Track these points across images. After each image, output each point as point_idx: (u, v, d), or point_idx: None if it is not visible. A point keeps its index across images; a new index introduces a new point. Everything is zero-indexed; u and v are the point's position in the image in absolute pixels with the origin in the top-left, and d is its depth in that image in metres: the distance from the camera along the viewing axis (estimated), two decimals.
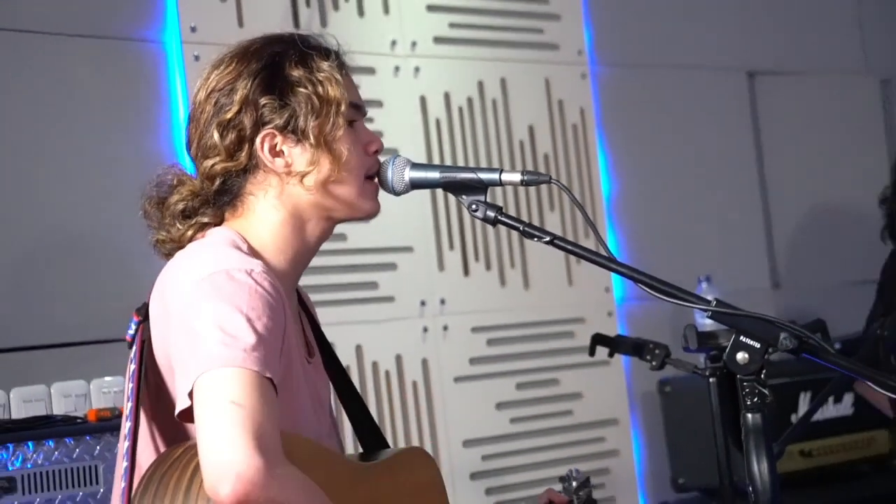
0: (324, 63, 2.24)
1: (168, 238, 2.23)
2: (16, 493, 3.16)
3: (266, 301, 2.01)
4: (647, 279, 2.31)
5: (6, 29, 3.75)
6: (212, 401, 1.88)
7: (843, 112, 5.83)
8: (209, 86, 2.24)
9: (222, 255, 2.09)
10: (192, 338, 1.97)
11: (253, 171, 2.21)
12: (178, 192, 2.23)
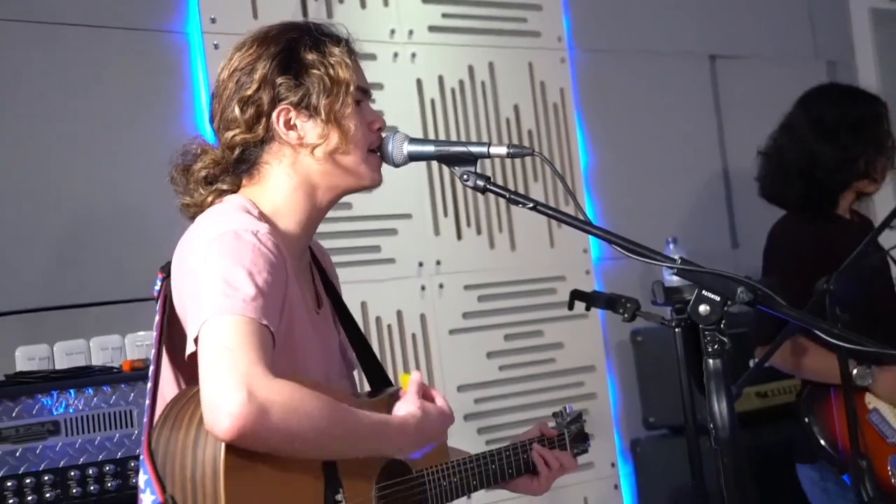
0: (335, 49, 2.28)
1: (192, 202, 2.28)
2: (60, 434, 3.19)
3: (268, 259, 2.04)
4: (620, 241, 2.35)
5: (47, 22, 3.76)
6: (210, 347, 1.93)
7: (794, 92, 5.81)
8: (232, 66, 2.28)
9: (233, 218, 2.13)
10: (199, 289, 2.01)
11: (269, 143, 2.25)
12: (201, 161, 2.27)
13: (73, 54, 3.81)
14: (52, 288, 3.69)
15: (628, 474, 4.88)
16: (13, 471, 3.10)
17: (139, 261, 3.65)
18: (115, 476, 3.25)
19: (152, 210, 3.70)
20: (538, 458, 2.61)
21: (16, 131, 3.69)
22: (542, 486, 2.65)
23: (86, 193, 3.79)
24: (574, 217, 2.45)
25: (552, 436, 2.69)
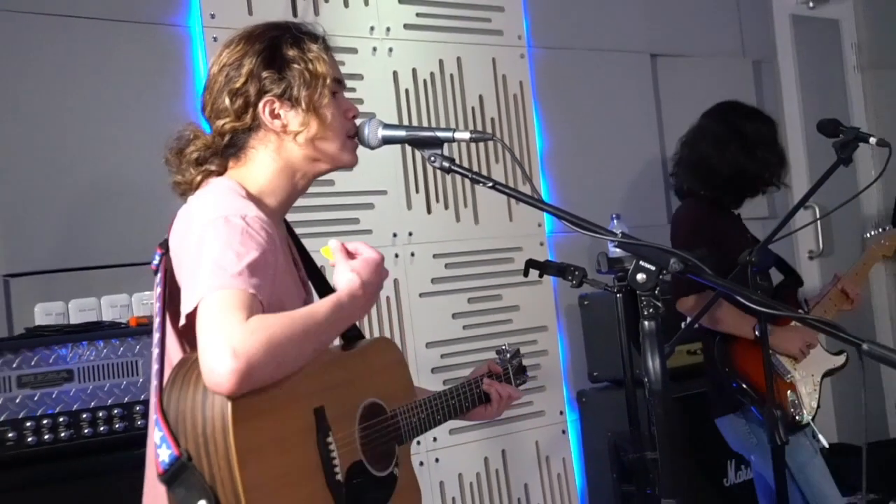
0: (313, 45, 2.29)
1: (182, 181, 2.29)
2: (73, 381, 3.20)
3: (254, 238, 2.05)
4: (569, 217, 2.35)
5: (64, 15, 3.75)
6: (202, 320, 1.94)
7: (725, 88, 5.81)
8: (221, 61, 2.27)
9: (224, 203, 2.13)
10: (193, 270, 2.02)
11: (255, 130, 2.25)
12: (193, 144, 2.27)
13: (86, 44, 3.79)
14: (67, 252, 3.68)
15: (574, 421, 4.90)
16: (32, 412, 3.12)
17: (144, 228, 3.63)
18: (122, 418, 3.27)
19: (154, 183, 3.65)
20: (489, 388, 2.66)
21: (34, 112, 3.67)
22: (494, 412, 2.70)
23: (96, 168, 3.77)
24: (530, 196, 2.46)
25: (498, 371, 2.75)
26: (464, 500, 4.53)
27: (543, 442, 4.80)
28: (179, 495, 1.91)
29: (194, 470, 1.91)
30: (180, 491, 1.91)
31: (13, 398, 3.11)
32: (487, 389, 2.66)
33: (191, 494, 1.90)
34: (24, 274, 3.59)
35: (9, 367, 3.11)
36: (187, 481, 1.91)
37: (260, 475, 1.92)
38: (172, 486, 1.92)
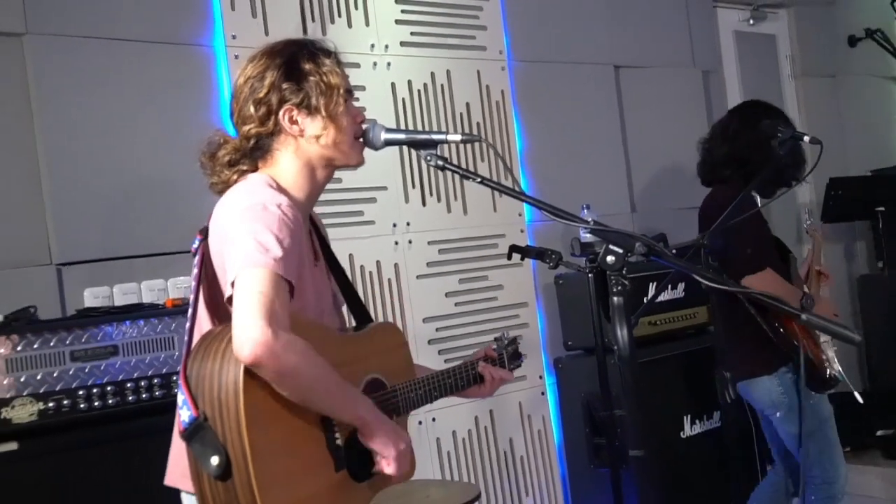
0: (327, 60, 2.30)
1: (219, 181, 2.29)
2: (118, 355, 3.22)
3: (288, 226, 2.06)
4: (547, 207, 2.36)
5: (109, 38, 3.75)
6: (244, 289, 1.94)
7: (679, 95, 5.84)
8: (246, 74, 2.29)
9: (260, 192, 2.13)
10: (237, 246, 2.02)
11: (277, 134, 2.26)
12: (224, 148, 2.28)
13: (128, 62, 3.78)
14: (112, 243, 3.68)
15: (552, 384, 4.91)
16: (83, 382, 3.14)
17: (178, 221, 3.64)
18: (161, 387, 3.29)
19: (186, 182, 3.66)
20: (484, 371, 2.64)
21: (84, 121, 3.66)
22: (486, 392, 2.70)
23: (137, 169, 3.77)
24: (512, 189, 2.49)
25: (493, 356, 2.72)
26: (457, 454, 4.54)
27: (525, 402, 4.81)
28: (196, 450, 1.93)
29: (209, 429, 1.93)
30: (197, 447, 1.93)
31: (67, 370, 3.13)
32: (482, 372, 2.66)
33: (205, 450, 1.92)
34: (74, 263, 3.59)
35: (63, 344, 3.13)
36: (203, 439, 1.93)
37: (265, 437, 1.94)
38: (191, 442, 1.94)
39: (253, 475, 1.89)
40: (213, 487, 1.93)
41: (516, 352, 2.78)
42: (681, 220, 5.50)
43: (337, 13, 4.40)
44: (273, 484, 1.92)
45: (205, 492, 1.95)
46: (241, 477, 1.90)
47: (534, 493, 4.80)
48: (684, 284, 4.72)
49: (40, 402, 3.07)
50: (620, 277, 2.35)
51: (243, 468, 1.89)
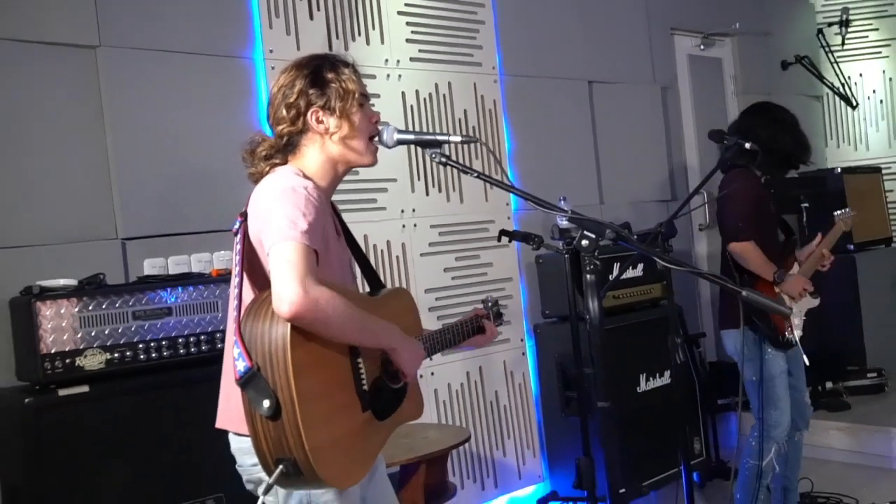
0: (345, 70, 2.30)
1: (256, 172, 2.29)
2: (172, 315, 3.25)
3: (313, 203, 2.07)
4: (531, 197, 2.35)
5: (165, 50, 3.72)
6: (279, 259, 1.96)
7: (641, 106, 5.83)
8: (279, 83, 2.29)
9: (289, 178, 2.14)
10: (271, 224, 2.03)
11: (305, 133, 2.26)
12: (262, 145, 2.28)
13: (181, 71, 3.76)
14: (167, 222, 3.67)
15: (531, 346, 4.91)
16: (142, 337, 3.16)
17: (221, 205, 3.64)
18: (206, 342, 3.31)
19: (227, 172, 3.64)
20: (486, 324, 2.68)
21: (145, 122, 3.64)
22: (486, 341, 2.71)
23: (187, 161, 3.75)
24: (502, 182, 2.51)
25: (484, 315, 2.72)
26: (451, 403, 4.54)
27: (509, 361, 4.81)
28: (251, 395, 1.93)
29: (261, 378, 1.93)
30: (251, 392, 1.93)
31: (129, 327, 3.15)
32: (484, 325, 2.66)
33: (259, 395, 1.92)
34: (136, 238, 3.58)
35: (126, 305, 3.14)
36: (256, 386, 1.92)
37: (308, 384, 1.93)
38: (246, 388, 1.94)
39: (299, 415, 1.90)
40: (264, 426, 1.94)
41: (499, 312, 2.79)
42: (641, 211, 5.52)
43: (357, 32, 4.37)
44: (315, 423, 1.93)
45: (257, 430, 1.95)
46: (288, 417, 1.91)
47: (514, 437, 4.80)
48: (643, 265, 4.73)
49: (107, 353, 3.09)
50: (593, 258, 2.36)
51: (291, 410, 1.90)
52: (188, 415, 3.13)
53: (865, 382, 5.93)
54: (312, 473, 1.92)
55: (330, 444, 1.97)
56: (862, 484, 4.72)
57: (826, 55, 7.30)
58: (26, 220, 3.35)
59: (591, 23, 5.47)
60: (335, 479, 2.00)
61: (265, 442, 1.94)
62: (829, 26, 7.36)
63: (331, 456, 1.96)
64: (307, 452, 1.90)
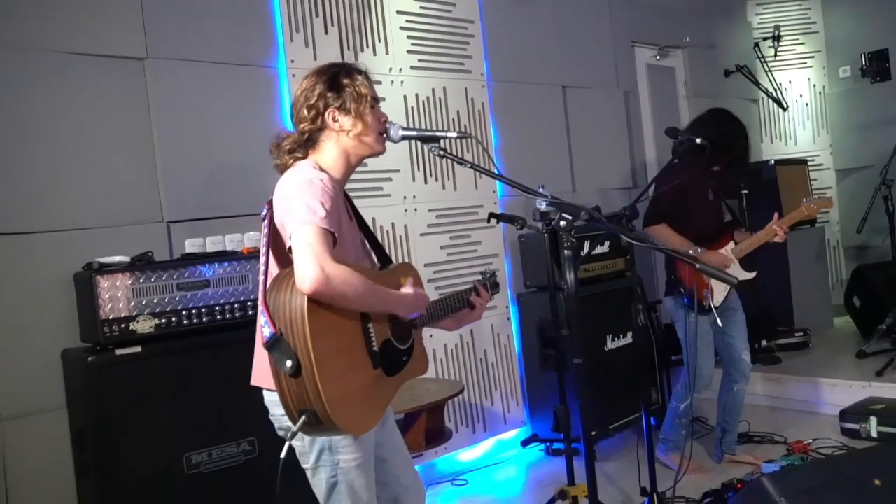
0: (359, 76, 2.27)
1: (281, 163, 2.27)
2: (210, 287, 3.25)
3: (328, 193, 2.05)
4: (517, 184, 2.34)
5: (201, 61, 3.69)
6: (298, 242, 1.94)
7: (607, 108, 5.81)
8: (302, 87, 2.26)
9: (307, 172, 2.12)
10: (292, 211, 2.01)
11: (323, 130, 2.23)
12: (286, 140, 2.26)
13: (219, 78, 3.73)
14: (205, 207, 3.64)
15: (515, 312, 4.90)
16: (186, 306, 3.16)
17: (251, 193, 3.62)
18: (239, 310, 3.30)
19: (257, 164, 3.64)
20: (475, 300, 2.56)
21: (188, 120, 3.61)
22: (476, 317, 2.60)
23: (222, 154, 3.72)
24: (490, 171, 2.49)
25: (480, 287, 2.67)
26: (447, 361, 4.54)
27: (496, 325, 4.81)
28: (276, 356, 1.92)
29: (284, 341, 1.92)
30: (276, 354, 1.92)
31: (174, 297, 3.14)
32: (473, 301, 2.55)
33: (282, 356, 1.91)
34: (179, 221, 3.56)
35: (171, 278, 3.14)
36: (280, 348, 1.92)
37: (324, 346, 1.92)
38: (271, 351, 1.93)
39: (316, 373, 1.89)
40: (288, 382, 1.93)
41: (495, 282, 2.75)
42: (607, 196, 5.52)
43: (366, 44, 4.33)
44: (331, 379, 1.92)
45: (282, 386, 1.95)
46: (307, 374, 1.90)
47: (500, 389, 4.81)
48: (609, 242, 4.71)
49: (156, 318, 3.08)
50: (570, 236, 2.35)
51: (309, 368, 1.89)
52: (224, 371, 3.12)
53: (793, 340, 5.97)
54: (330, 422, 1.92)
55: (344, 396, 1.96)
56: (790, 424, 4.75)
57: (761, 65, 7.31)
58: (86, 207, 3.33)
59: (565, 37, 5.43)
60: (350, 427, 1.99)
61: (289, 396, 1.94)
62: (763, 41, 7.37)
63: (345, 407, 1.95)
64: (325, 404, 1.89)
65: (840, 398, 4.81)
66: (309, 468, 2.18)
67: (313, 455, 2.15)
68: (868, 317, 5.98)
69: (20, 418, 3.09)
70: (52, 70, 3.28)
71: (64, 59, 3.31)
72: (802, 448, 4.22)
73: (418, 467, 4.30)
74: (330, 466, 2.14)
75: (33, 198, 3.20)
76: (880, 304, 5.81)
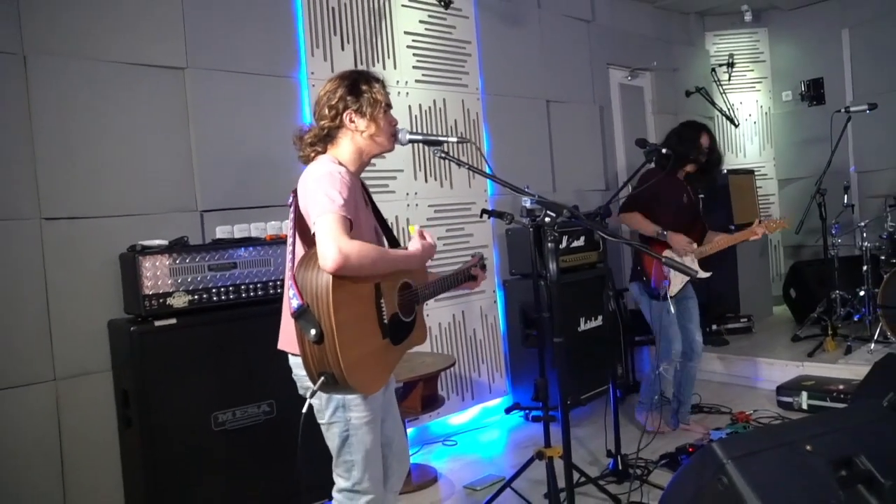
0: (376, 84, 2.24)
1: (303, 155, 2.24)
2: (237, 269, 3.20)
3: (346, 183, 2.02)
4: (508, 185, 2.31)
5: (236, 71, 3.64)
6: (321, 228, 1.92)
7: (584, 122, 5.77)
8: (325, 89, 2.22)
9: (326, 165, 2.09)
10: (315, 200, 1.98)
11: (341, 128, 2.20)
12: (308, 133, 2.23)
13: (249, 86, 3.68)
14: (234, 198, 3.59)
15: (501, 296, 4.87)
16: (216, 284, 3.14)
17: (273, 186, 3.59)
18: (262, 289, 3.25)
19: (279, 162, 3.64)
20: (476, 272, 2.60)
21: (222, 122, 3.57)
22: (475, 285, 2.62)
23: (251, 150, 3.67)
24: (483, 172, 2.45)
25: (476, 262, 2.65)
26: (441, 337, 4.52)
27: (484, 307, 4.78)
28: (302, 325, 1.91)
29: (310, 312, 1.91)
30: (302, 322, 1.91)
31: (206, 277, 3.10)
32: (475, 273, 2.59)
33: (308, 325, 1.90)
34: (211, 210, 3.51)
35: (203, 260, 3.10)
36: (306, 317, 1.90)
37: (343, 317, 1.91)
38: (298, 319, 1.92)
39: (337, 341, 1.89)
40: (311, 348, 1.93)
41: (483, 264, 2.73)
42: (583, 197, 5.48)
43: (377, 59, 4.28)
44: (348, 346, 1.91)
45: (306, 352, 1.94)
46: (329, 341, 1.90)
47: (487, 362, 4.79)
48: (584, 237, 4.69)
49: (190, 294, 3.05)
50: (553, 231, 2.32)
51: (331, 336, 1.89)
52: (249, 342, 3.11)
53: (739, 325, 5.97)
54: (345, 383, 1.92)
55: (358, 361, 1.95)
56: (735, 397, 4.76)
57: (717, 87, 7.29)
58: (131, 196, 3.29)
59: (549, 58, 5.38)
60: (362, 387, 1.99)
61: (312, 360, 1.93)
62: (719, 66, 7.35)
63: (359, 370, 1.95)
64: (342, 368, 1.89)
65: (777, 375, 4.82)
66: (324, 423, 2.17)
67: (329, 411, 2.14)
68: (802, 306, 6.00)
69: (72, 378, 3.07)
70: (104, 77, 3.23)
71: (116, 68, 3.27)
72: (745, 418, 4.22)
73: (415, 429, 4.31)
74: (343, 422, 2.14)
75: (86, 188, 3.16)
76: (813, 296, 5.84)
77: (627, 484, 3.38)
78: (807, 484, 1.83)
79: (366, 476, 2.16)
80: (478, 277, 2.59)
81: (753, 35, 7.45)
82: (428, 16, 4.58)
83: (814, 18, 7.05)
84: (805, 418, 2.20)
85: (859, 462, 1.90)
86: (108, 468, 3.11)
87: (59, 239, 3.08)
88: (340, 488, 2.18)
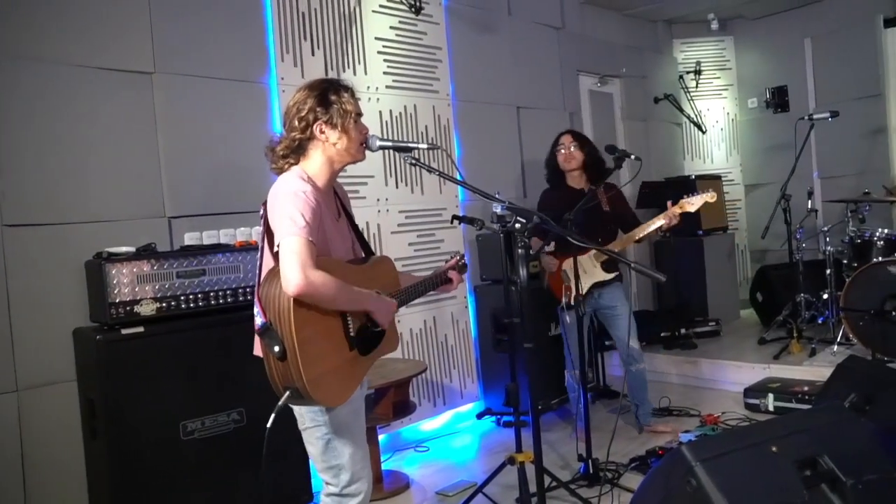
0: (345, 93, 2.22)
1: (276, 167, 2.21)
2: (206, 275, 3.19)
3: (310, 205, 2.00)
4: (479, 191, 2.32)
5: (207, 77, 3.60)
6: (284, 251, 1.91)
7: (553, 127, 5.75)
8: (295, 99, 2.20)
9: (294, 183, 2.06)
10: (280, 221, 1.98)
11: (312, 140, 2.17)
12: (280, 145, 2.19)
13: (216, 92, 3.64)
14: (202, 204, 3.56)
15: (472, 301, 4.89)
16: (184, 291, 3.09)
17: (245, 192, 3.56)
18: (231, 296, 3.23)
19: (249, 168, 3.61)
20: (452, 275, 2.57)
21: (191, 127, 3.53)
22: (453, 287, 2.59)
23: (221, 158, 3.64)
24: (454, 178, 2.47)
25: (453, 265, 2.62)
26: (413, 343, 4.51)
27: (455, 312, 4.79)
28: (266, 342, 1.92)
29: (273, 329, 1.91)
30: (266, 339, 1.92)
31: (174, 283, 3.07)
32: (452, 276, 2.56)
33: (272, 342, 1.91)
34: (179, 216, 3.47)
35: (171, 267, 3.07)
36: (270, 335, 1.92)
37: (306, 334, 1.92)
38: (262, 336, 1.93)
39: (299, 358, 1.90)
40: (276, 363, 1.94)
41: (464, 265, 2.72)
42: None
43: (347, 65, 4.28)
44: (311, 362, 1.92)
45: (271, 367, 1.95)
46: (292, 358, 1.90)
47: (458, 368, 4.79)
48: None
49: (157, 302, 3.01)
50: (523, 237, 2.34)
51: (293, 353, 1.90)
52: (218, 349, 3.08)
53: (707, 329, 6.04)
54: (309, 397, 1.94)
55: (322, 376, 1.96)
56: (703, 400, 4.81)
57: (684, 94, 7.40)
58: (98, 203, 3.24)
59: (520, 64, 5.42)
60: (326, 401, 2.00)
61: (277, 374, 1.95)
62: (686, 74, 7.46)
63: (322, 385, 1.95)
64: (305, 383, 1.90)
65: (744, 377, 4.89)
66: (304, 429, 2.18)
67: (307, 417, 2.15)
68: (768, 309, 6.10)
69: (35, 388, 3.01)
70: (68, 82, 3.18)
71: (80, 72, 3.22)
72: (713, 420, 4.28)
73: (387, 435, 4.30)
74: (323, 425, 2.14)
75: (50, 195, 3.11)
76: (778, 299, 5.95)
77: (598, 487, 3.40)
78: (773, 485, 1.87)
79: (354, 477, 2.18)
80: (453, 280, 2.56)
81: (720, 43, 7.58)
82: (399, 22, 4.59)
83: (778, 27, 7.20)
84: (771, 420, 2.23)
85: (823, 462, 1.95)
86: (72, 481, 3.05)
87: (21, 246, 3.02)
88: (329, 493, 2.20)
